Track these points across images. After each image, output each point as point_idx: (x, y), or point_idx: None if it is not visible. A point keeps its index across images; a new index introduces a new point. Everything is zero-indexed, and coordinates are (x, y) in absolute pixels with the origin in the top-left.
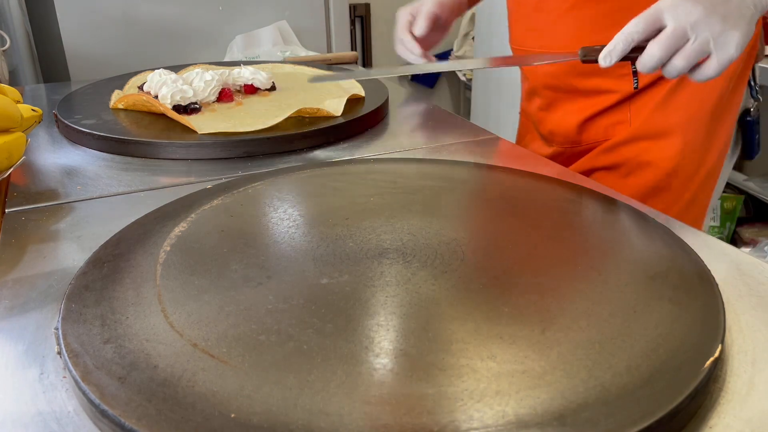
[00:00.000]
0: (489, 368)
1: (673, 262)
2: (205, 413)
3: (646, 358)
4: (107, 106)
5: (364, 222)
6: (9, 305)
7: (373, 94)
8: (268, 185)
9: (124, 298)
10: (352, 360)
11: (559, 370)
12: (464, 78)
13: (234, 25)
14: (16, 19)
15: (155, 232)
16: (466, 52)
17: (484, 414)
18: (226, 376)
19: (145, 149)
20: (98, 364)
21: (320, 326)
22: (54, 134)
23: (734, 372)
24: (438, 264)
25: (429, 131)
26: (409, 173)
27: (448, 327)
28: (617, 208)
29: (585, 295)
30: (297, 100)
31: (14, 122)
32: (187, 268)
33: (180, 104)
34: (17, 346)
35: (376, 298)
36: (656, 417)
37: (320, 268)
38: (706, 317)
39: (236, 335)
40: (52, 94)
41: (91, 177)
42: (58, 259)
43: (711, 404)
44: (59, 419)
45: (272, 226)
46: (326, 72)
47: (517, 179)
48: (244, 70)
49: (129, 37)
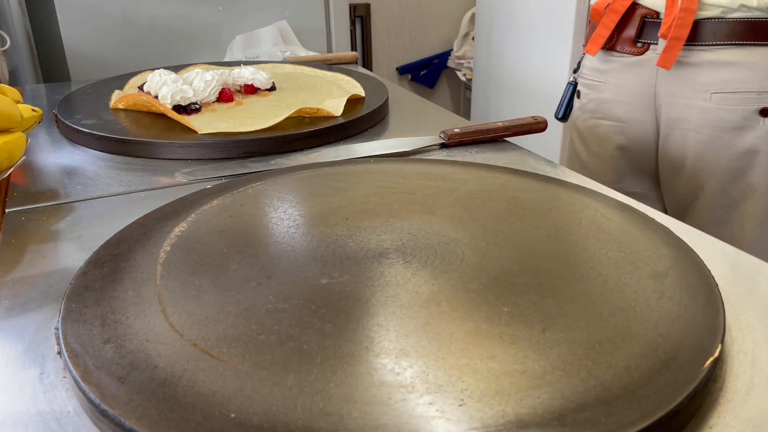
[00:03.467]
0: (489, 368)
1: (673, 262)
2: (205, 413)
3: (646, 358)
4: (107, 106)
5: (364, 222)
6: (9, 305)
7: (373, 94)
8: (268, 185)
9: (124, 298)
10: (352, 360)
11: (559, 370)
12: (464, 78)
13: (234, 25)
14: (16, 19)
15: (155, 232)
16: (466, 52)
17: (484, 414)
18: (226, 376)
19: (145, 149)
20: (98, 364)
21: (320, 326)
22: (54, 134)
23: (734, 372)
24: (438, 264)
25: (429, 131)
26: (409, 173)
27: (448, 327)
28: (617, 208)
29: (585, 295)
30: (297, 100)
31: (14, 122)
32: (187, 268)
33: (180, 104)
34: (17, 346)
35: (376, 298)
36: (656, 417)
37: (320, 268)
38: (706, 317)
39: (236, 335)
40: (52, 94)
41: (91, 177)
42: (58, 259)
43: (711, 404)
44: (59, 419)
45: (272, 226)
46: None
47: (517, 179)
48: (244, 70)
49: (129, 37)
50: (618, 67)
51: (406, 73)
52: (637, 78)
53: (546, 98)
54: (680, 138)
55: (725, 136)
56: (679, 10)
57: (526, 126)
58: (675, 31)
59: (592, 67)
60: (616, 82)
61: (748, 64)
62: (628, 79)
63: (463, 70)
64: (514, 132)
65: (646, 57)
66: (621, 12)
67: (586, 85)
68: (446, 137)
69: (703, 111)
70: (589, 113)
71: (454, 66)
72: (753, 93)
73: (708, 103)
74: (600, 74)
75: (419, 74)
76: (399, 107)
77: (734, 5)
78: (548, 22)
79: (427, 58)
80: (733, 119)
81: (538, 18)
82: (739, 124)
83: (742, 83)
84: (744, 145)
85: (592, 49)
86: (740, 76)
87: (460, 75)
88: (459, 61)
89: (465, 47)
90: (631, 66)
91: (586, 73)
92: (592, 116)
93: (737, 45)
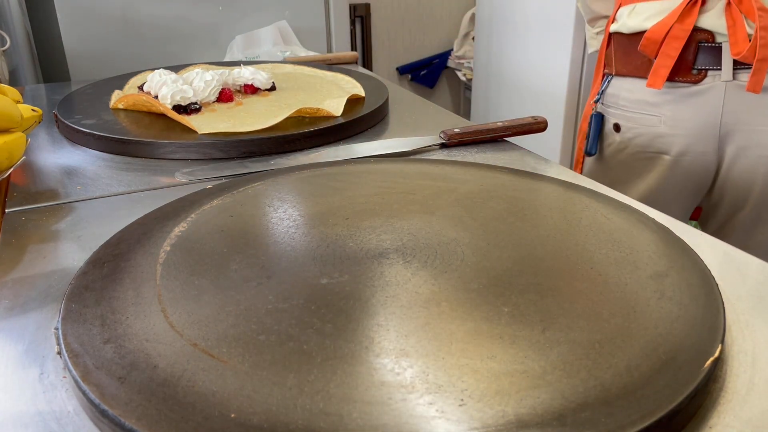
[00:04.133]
0: (489, 368)
1: (673, 262)
2: (205, 413)
3: (646, 358)
4: (107, 106)
5: (364, 222)
6: (9, 305)
7: (373, 94)
8: (268, 185)
9: (124, 298)
10: (352, 360)
11: (559, 370)
12: (464, 78)
13: (234, 25)
14: (16, 19)
15: (155, 232)
16: (467, 52)
17: (484, 414)
18: (226, 376)
19: (145, 149)
20: (98, 364)
21: (320, 326)
22: (54, 134)
23: (734, 372)
24: (438, 264)
25: (429, 131)
26: (409, 173)
27: (448, 327)
28: (617, 207)
29: (585, 295)
30: (297, 100)
31: (14, 122)
32: (187, 268)
33: (180, 104)
34: (17, 346)
35: (376, 298)
36: (656, 417)
37: (320, 268)
38: (706, 317)
39: (236, 335)
40: (52, 94)
41: (91, 177)
42: (58, 259)
43: (711, 404)
44: (59, 419)
45: (272, 226)
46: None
47: (517, 179)
48: (244, 70)
49: (129, 37)
50: (674, 98)
51: (406, 73)
52: (698, 108)
53: (546, 98)
54: (749, 167)
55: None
56: (760, 29)
57: (526, 126)
58: (761, 51)
59: (637, 99)
60: (672, 114)
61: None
62: (687, 111)
63: (463, 70)
64: (514, 132)
65: (707, 85)
66: (684, 38)
67: (629, 119)
68: (446, 137)
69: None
70: (638, 147)
71: (454, 66)
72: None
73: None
74: (651, 107)
75: (419, 74)
76: (399, 107)
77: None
78: (548, 22)
79: (427, 58)
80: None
81: (538, 18)
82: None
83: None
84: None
85: (657, 82)
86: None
87: (460, 75)
88: (459, 61)
89: (465, 47)
90: (691, 96)
91: (626, 105)
92: (642, 150)
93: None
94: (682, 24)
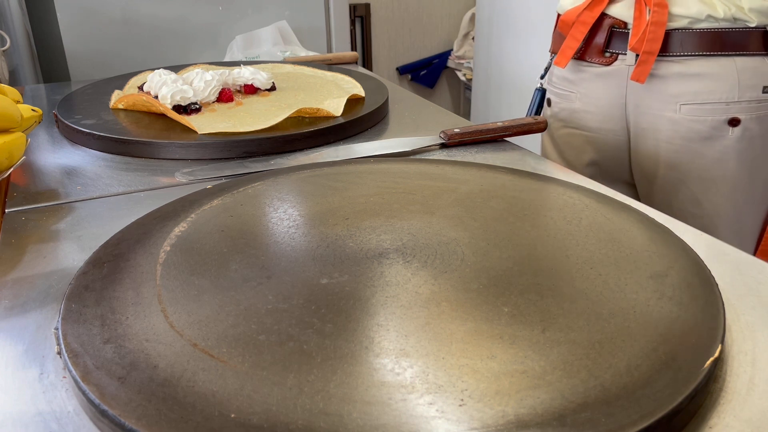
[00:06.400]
0: (489, 368)
1: (673, 262)
2: (205, 413)
3: (646, 358)
4: (107, 106)
5: (364, 222)
6: (9, 305)
7: (373, 94)
8: (268, 185)
9: (124, 298)
10: (352, 360)
11: (559, 370)
12: (464, 78)
13: (234, 25)
14: (16, 19)
15: (155, 232)
16: (466, 52)
17: (484, 414)
18: (226, 376)
19: (145, 149)
20: (98, 364)
21: (320, 326)
22: (54, 134)
23: (734, 372)
24: (438, 264)
25: (429, 131)
26: (409, 173)
27: (448, 327)
28: (617, 208)
29: (585, 295)
30: (297, 100)
31: (14, 122)
32: (187, 268)
33: (180, 104)
34: (17, 346)
35: (376, 298)
36: (656, 417)
37: (320, 268)
38: (706, 317)
39: (236, 335)
40: (52, 94)
41: (91, 177)
42: (58, 259)
43: (711, 404)
44: (59, 419)
45: (272, 226)
46: None
47: (517, 179)
48: (244, 70)
49: (129, 37)
50: (587, 77)
51: (406, 73)
52: (607, 88)
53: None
54: (651, 148)
55: (696, 147)
56: (650, 24)
57: (526, 126)
58: (647, 45)
59: (562, 76)
60: (586, 92)
61: (716, 75)
62: (598, 90)
63: (463, 70)
64: (514, 132)
65: (616, 67)
66: (590, 24)
67: (556, 94)
68: (446, 137)
69: (673, 122)
70: (561, 122)
71: (454, 66)
72: (722, 104)
73: (678, 114)
74: (570, 84)
75: (419, 74)
76: (399, 107)
77: (701, 16)
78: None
79: (427, 58)
80: (702, 130)
81: (538, 18)
82: (708, 135)
83: (710, 94)
84: (714, 155)
85: (562, 61)
86: (708, 87)
87: (460, 75)
88: (459, 61)
89: (465, 47)
90: (601, 76)
91: (555, 82)
92: (564, 125)
93: (704, 56)
94: (591, 11)
